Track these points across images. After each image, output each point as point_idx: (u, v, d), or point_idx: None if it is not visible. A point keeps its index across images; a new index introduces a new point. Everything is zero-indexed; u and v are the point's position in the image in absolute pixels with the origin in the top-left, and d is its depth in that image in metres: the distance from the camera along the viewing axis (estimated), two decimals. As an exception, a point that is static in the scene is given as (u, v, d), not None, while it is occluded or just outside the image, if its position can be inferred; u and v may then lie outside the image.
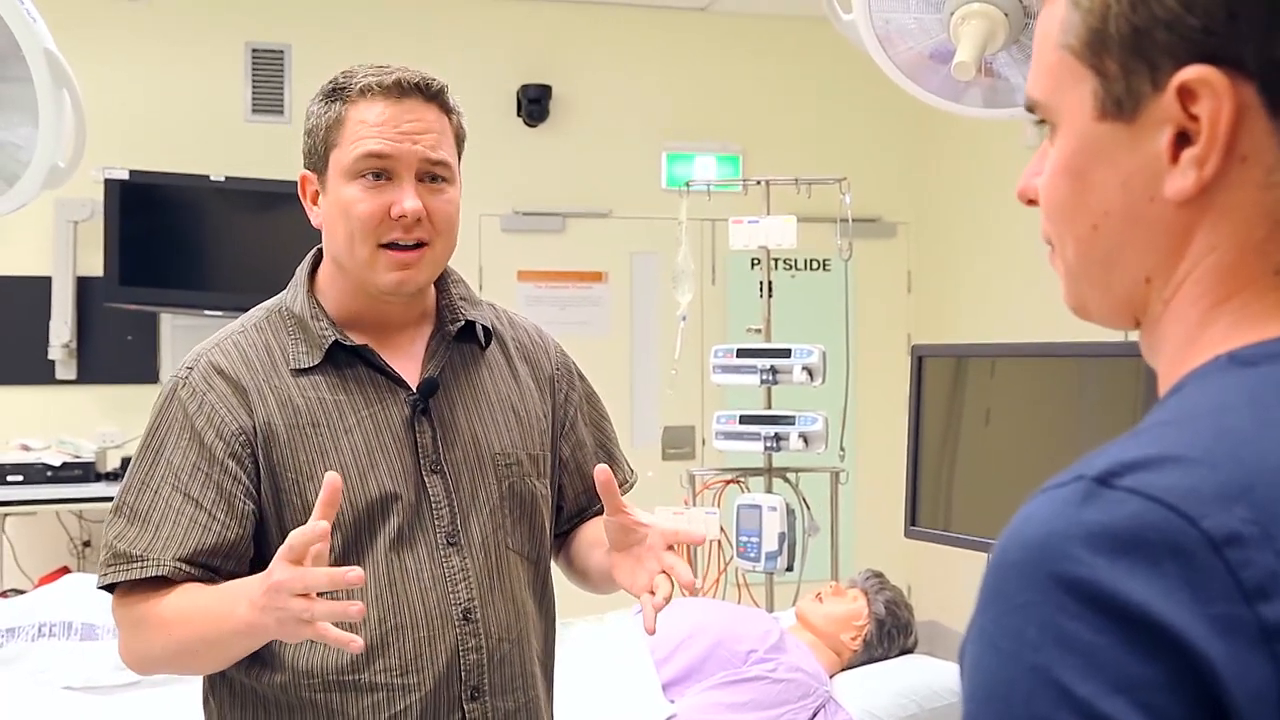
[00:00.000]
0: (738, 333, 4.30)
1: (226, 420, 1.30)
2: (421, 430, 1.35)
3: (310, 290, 1.39)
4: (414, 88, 1.33)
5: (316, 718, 1.30)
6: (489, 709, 1.33)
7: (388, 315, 1.38)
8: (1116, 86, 0.61)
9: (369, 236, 1.31)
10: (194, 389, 1.32)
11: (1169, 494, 0.52)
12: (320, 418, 1.32)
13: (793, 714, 2.29)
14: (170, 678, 2.94)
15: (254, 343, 1.36)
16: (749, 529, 3.21)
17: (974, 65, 1.97)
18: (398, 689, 1.29)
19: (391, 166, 1.31)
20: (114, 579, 1.28)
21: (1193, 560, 0.51)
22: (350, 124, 1.32)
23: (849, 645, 2.59)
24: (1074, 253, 0.66)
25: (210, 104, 4.76)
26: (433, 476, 1.35)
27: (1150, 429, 0.58)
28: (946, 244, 5.33)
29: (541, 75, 5.03)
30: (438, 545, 1.33)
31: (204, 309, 4.52)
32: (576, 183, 5.09)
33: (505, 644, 1.35)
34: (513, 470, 1.39)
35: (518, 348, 1.48)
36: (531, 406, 1.45)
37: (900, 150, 5.32)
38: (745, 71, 5.24)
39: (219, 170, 4.51)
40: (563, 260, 5.09)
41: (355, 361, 1.36)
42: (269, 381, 1.33)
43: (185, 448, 1.29)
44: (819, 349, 3.21)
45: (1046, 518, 0.54)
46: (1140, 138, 0.60)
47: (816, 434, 3.18)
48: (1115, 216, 0.63)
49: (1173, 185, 0.60)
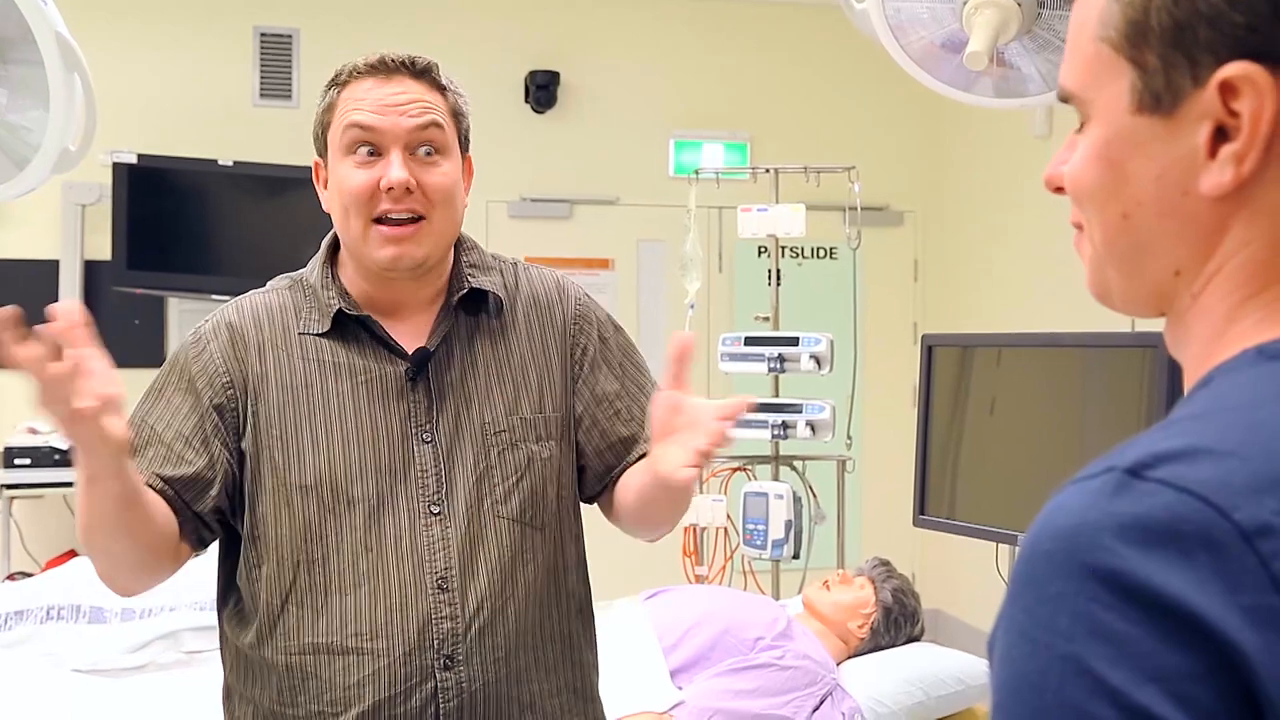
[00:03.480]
0: (744, 321, 4.30)
1: (219, 370, 1.36)
2: (415, 400, 1.37)
3: (326, 263, 1.43)
4: (400, 65, 1.36)
5: (292, 679, 1.33)
6: (463, 678, 1.32)
7: (398, 294, 1.40)
8: (1156, 80, 0.60)
9: (361, 210, 1.34)
10: (200, 337, 1.39)
11: (1201, 486, 0.52)
12: (315, 379, 1.36)
13: (800, 701, 2.30)
14: (182, 661, 2.95)
15: (270, 304, 1.41)
16: (756, 517, 3.22)
17: (987, 55, 1.97)
18: (367, 653, 1.31)
19: (379, 140, 1.33)
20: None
21: (1225, 551, 0.51)
22: (341, 103, 1.36)
23: (856, 633, 2.60)
24: (1102, 239, 0.66)
25: (219, 88, 4.76)
26: (423, 446, 1.36)
27: (1180, 422, 0.58)
28: (954, 233, 5.32)
29: (549, 62, 5.02)
30: (419, 513, 1.34)
31: (211, 293, 4.52)
32: (584, 169, 5.09)
33: (485, 613, 1.34)
34: (502, 438, 1.38)
35: (532, 304, 1.46)
36: (539, 367, 1.43)
37: (908, 139, 5.30)
38: (754, 59, 5.22)
39: (227, 155, 4.51)
40: (569, 247, 5.09)
41: (360, 331, 1.39)
42: (273, 340, 1.38)
43: (183, 390, 1.36)
44: (827, 337, 3.20)
45: (1078, 508, 0.54)
46: (1178, 132, 0.60)
47: (824, 422, 3.18)
48: (1148, 208, 0.62)
49: (1209, 180, 0.60)
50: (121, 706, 2.57)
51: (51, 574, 3.23)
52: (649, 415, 1.32)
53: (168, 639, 3.06)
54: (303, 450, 1.34)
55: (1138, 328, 4.04)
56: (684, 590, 2.77)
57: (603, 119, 5.09)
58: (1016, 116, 4.44)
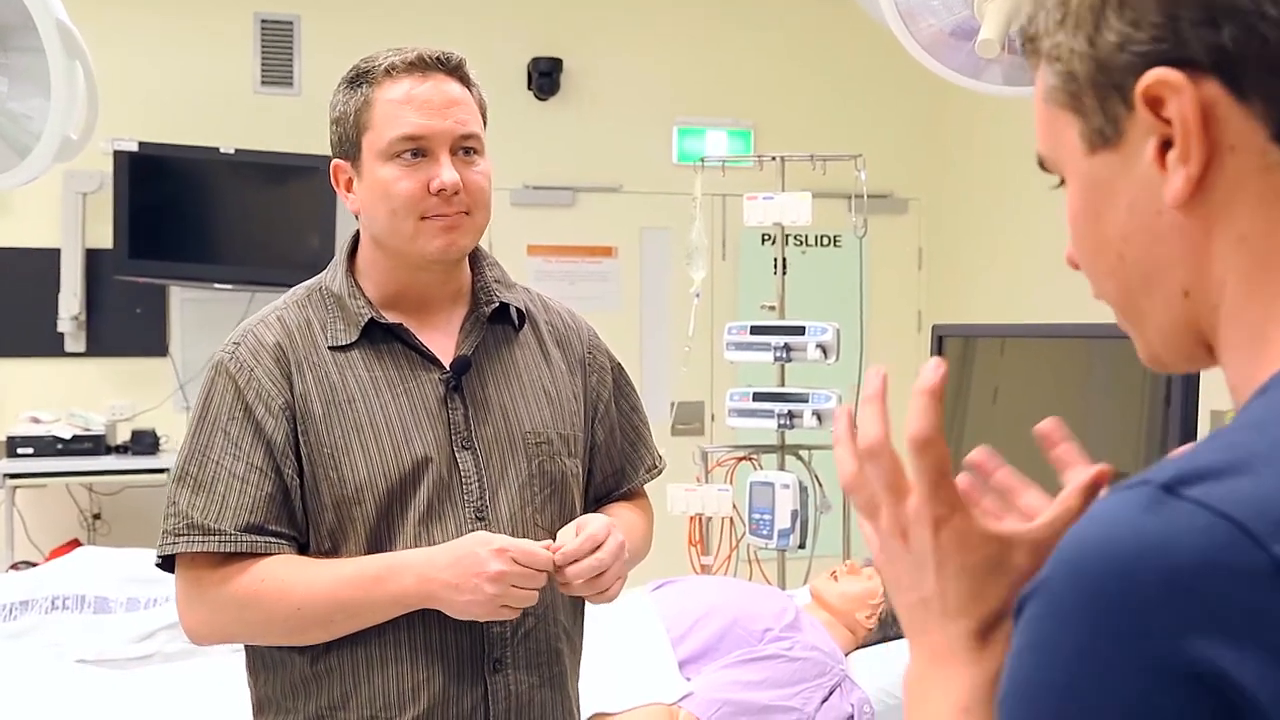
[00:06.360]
0: (748, 309, 4.29)
1: (274, 395, 1.34)
2: (454, 407, 1.38)
3: (349, 271, 1.42)
4: (436, 62, 1.36)
5: (344, 686, 1.33)
6: (512, 681, 1.36)
7: (427, 291, 1.41)
8: (1096, 119, 0.63)
9: (411, 212, 1.35)
10: (242, 363, 1.36)
11: (1238, 509, 0.50)
12: (356, 393, 1.36)
13: (809, 692, 2.29)
14: (187, 651, 2.95)
15: (296, 319, 1.40)
16: (762, 506, 3.21)
17: (999, 43, 1.95)
18: (420, 659, 1.32)
19: (427, 145, 1.34)
20: (187, 548, 1.31)
21: (1255, 590, 0.48)
22: (379, 105, 1.35)
23: (864, 624, 2.59)
24: (1117, 296, 0.67)
25: (220, 76, 4.73)
26: (464, 453, 1.37)
27: (1232, 431, 0.56)
28: (958, 221, 5.30)
29: (553, 48, 4.99)
30: (466, 520, 1.36)
31: (213, 282, 4.51)
32: (587, 157, 5.06)
33: (531, 618, 1.37)
34: (543, 449, 1.42)
35: (550, 330, 1.51)
36: (563, 387, 1.47)
37: (912, 126, 5.28)
38: (757, 46, 5.19)
39: (228, 142, 4.48)
40: (573, 235, 5.07)
41: (391, 340, 1.39)
42: (309, 357, 1.37)
43: (241, 420, 1.33)
44: (833, 326, 3.19)
45: (1107, 520, 0.53)
46: (1130, 158, 0.62)
47: (830, 412, 3.17)
48: (1134, 241, 0.63)
49: (1170, 190, 0.60)
50: (127, 698, 2.56)
51: (56, 564, 3.22)
52: (640, 452, 1.53)
53: (174, 628, 3.05)
54: (355, 465, 1.33)
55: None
56: (691, 581, 2.77)
57: (606, 106, 5.07)
58: (1021, 105, 4.42)
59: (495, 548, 1.27)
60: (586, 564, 1.28)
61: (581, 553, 1.29)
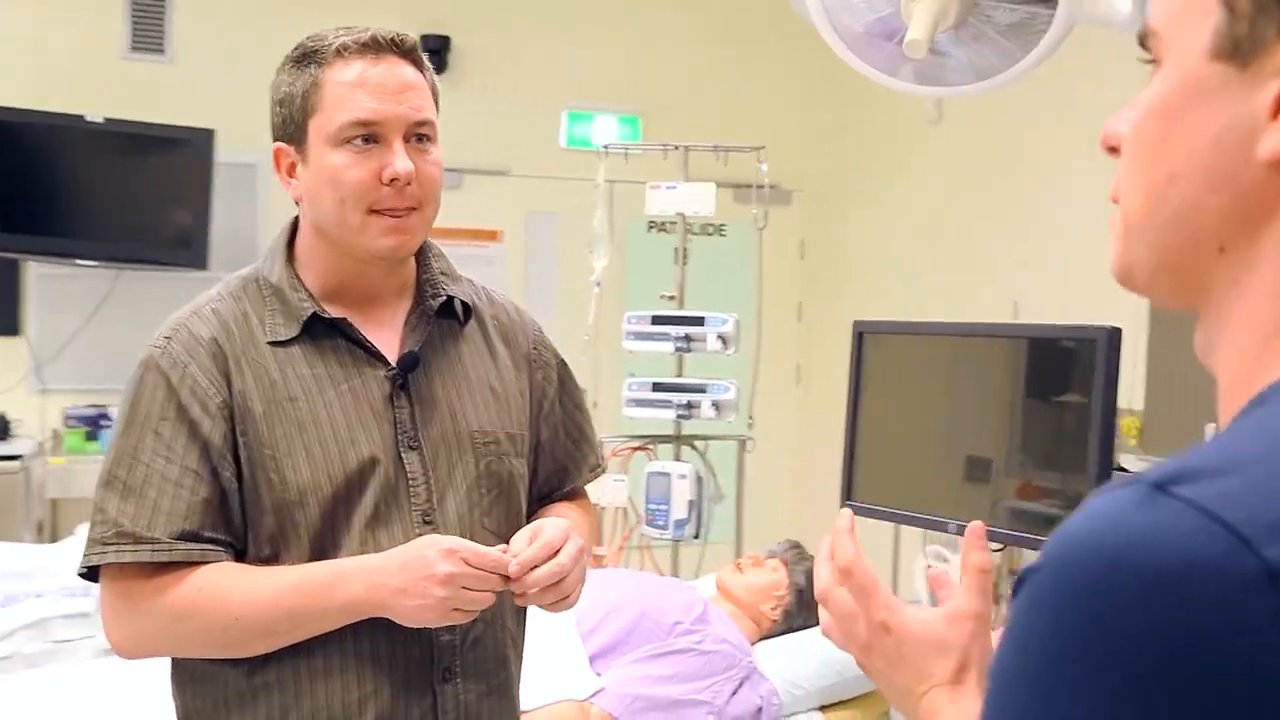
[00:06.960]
0: (638, 298, 4.26)
1: (210, 393, 1.26)
2: (400, 405, 1.32)
3: (288, 261, 1.34)
4: (390, 44, 1.29)
5: (283, 700, 1.25)
6: (461, 690, 1.31)
7: (372, 285, 1.34)
8: (1241, 25, 0.56)
9: (360, 203, 1.27)
10: (175, 360, 1.27)
11: (1228, 510, 0.48)
12: (298, 391, 1.28)
13: (719, 685, 2.29)
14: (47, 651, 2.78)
15: (232, 311, 1.31)
16: (658, 496, 3.20)
17: (927, 43, 1.97)
18: (367, 670, 1.26)
19: (380, 131, 1.27)
20: (117, 558, 1.21)
21: (1242, 593, 0.46)
22: (329, 86, 1.27)
23: (769, 615, 2.61)
24: (1141, 206, 0.61)
25: (85, 39, 4.48)
26: (410, 453, 1.31)
27: (1226, 437, 0.54)
28: (840, 213, 5.38)
29: (440, 26, 4.88)
30: (413, 524, 1.30)
31: (75, 257, 4.27)
32: (474, 138, 4.96)
33: (480, 625, 1.32)
34: (490, 449, 1.36)
35: (496, 325, 1.45)
36: (509, 384, 1.42)
37: (797, 118, 5.33)
38: (649, 32, 5.17)
39: (93, 110, 4.24)
40: (458, 217, 4.94)
41: (333, 335, 1.32)
42: (247, 353, 1.28)
43: (174, 420, 1.24)
44: (733, 317, 3.20)
45: (1097, 515, 0.51)
46: (1248, 86, 0.56)
47: (729, 402, 3.18)
48: (1199, 170, 0.58)
49: (1269, 143, 0.55)
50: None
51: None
52: (584, 451, 1.50)
53: (35, 628, 2.88)
54: (298, 467, 1.25)
55: (1020, 317, 4.17)
56: (599, 574, 2.74)
57: (495, 87, 4.98)
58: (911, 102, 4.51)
59: (444, 548, 1.21)
60: (546, 570, 1.24)
61: (538, 559, 1.24)
